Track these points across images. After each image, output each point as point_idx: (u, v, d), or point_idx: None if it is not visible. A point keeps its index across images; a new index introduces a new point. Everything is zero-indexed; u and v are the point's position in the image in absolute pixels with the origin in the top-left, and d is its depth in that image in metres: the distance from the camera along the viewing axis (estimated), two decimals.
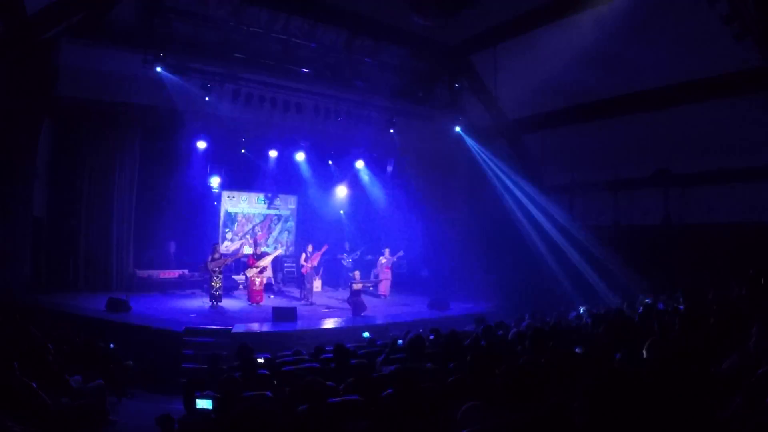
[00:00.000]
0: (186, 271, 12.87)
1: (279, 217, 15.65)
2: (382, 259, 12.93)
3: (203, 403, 3.49)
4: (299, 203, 15.83)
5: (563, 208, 13.61)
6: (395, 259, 12.98)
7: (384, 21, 11.28)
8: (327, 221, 15.13)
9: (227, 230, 14.65)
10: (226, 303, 10.89)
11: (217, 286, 10.55)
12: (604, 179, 12.82)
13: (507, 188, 13.79)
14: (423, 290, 13.57)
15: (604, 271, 11.76)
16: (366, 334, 7.87)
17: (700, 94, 9.93)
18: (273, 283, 13.35)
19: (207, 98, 10.83)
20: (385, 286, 12.95)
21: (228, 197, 14.71)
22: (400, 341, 6.05)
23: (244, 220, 15.01)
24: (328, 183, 15.33)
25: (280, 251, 13.46)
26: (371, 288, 12.96)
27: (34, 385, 4.12)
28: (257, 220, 15.23)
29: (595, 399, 1.78)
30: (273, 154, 14.13)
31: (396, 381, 3.66)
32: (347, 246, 13.97)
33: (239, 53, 10.65)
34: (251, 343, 6.30)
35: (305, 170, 14.77)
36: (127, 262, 11.81)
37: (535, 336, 4.63)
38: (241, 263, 13.05)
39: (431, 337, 6.64)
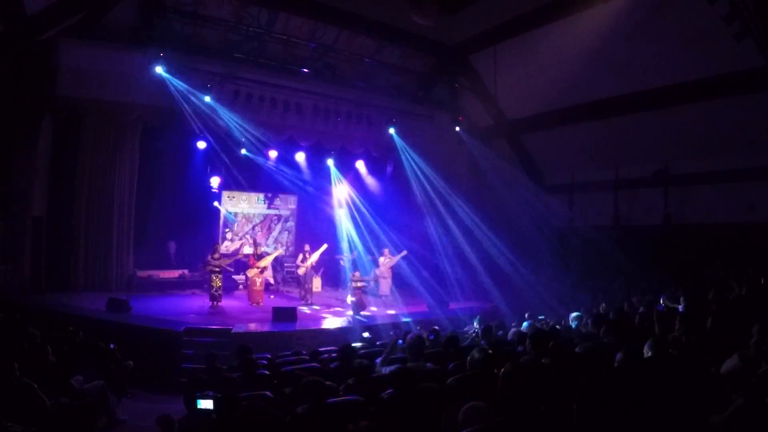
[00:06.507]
0: (186, 271, 12.85)
1: (279, 217, 15.64)
2: (382, 259, 12.91)
3: (204, 403, 3.48)
4: (299, 203, 15.82)
5: (563, 208, 13.61)
6: (398, 259, 12.95)
7: (384, 21, 11.29)
8: (327, 221, 15.11)
9: (227, 230, 14.64)
10: (226, 303, 10.88)
11: (217, 286, 10.54)
12: (604, 179, 12.81)
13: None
14: (423, 290, 13.55)
15: None
16: (366, 334, 7.88)
17: (700, 94, 9.93)
18: (273, 283, 13.34)
19: (207, 98, 10.82)
20: (385, 286, 12.93)
21: (228, 197, 14.69)
22: (400, 341, 6.05)
23: (244, 220, 15.00)
24: (328, 183, 15.31)
25: (280, 251, 13.45)
26: (371, 286, 12.93)
27: (35, 386, 4.12)
28: (257, 220, 15.22)
29: (595, 399, 1.78)
30: (273, 154, 14.11)
31: (396, 381, 3.66)
32: (344, 246, 13.95)
33: (239, 53, 10.65)
34: (251, 343, 6.31)
35: (305, 170, 14.76)
36: (127, 262, 11.79)
37: (535, 336, 4.62)
38: (241, 263, 13.04)
39: (431, 337, 6.63)
